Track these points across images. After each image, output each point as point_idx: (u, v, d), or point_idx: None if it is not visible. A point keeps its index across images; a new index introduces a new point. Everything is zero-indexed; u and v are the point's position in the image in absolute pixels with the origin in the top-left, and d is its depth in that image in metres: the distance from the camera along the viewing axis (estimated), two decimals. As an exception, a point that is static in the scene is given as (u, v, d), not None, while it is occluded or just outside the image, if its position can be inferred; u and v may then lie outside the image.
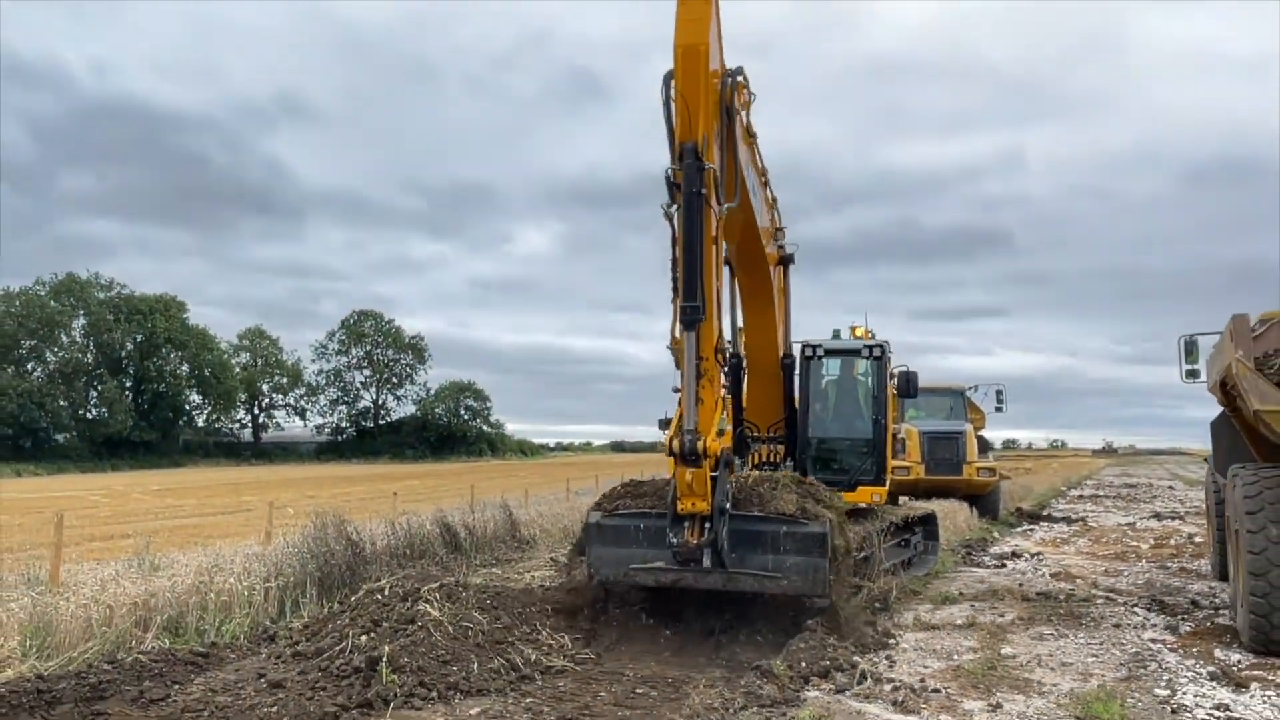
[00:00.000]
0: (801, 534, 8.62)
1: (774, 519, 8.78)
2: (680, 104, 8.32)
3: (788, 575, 8.57)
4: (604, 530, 9.28)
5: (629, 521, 9.18)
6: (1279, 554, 8.13)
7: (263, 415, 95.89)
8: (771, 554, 8.63)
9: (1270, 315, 10.93)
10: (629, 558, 8.96)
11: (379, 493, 30.89)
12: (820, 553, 8.61)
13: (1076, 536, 19.93)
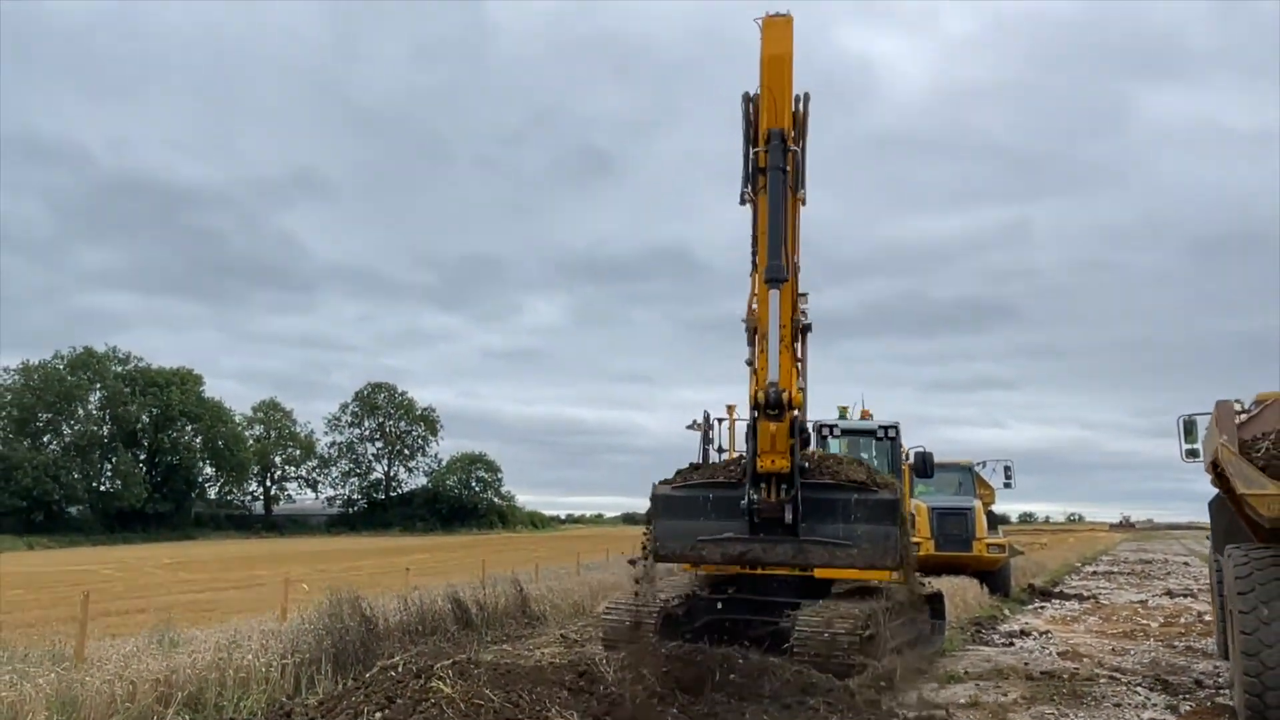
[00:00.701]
0: (873, 501, 8.41)
1: (846, 486, 8.54)
2: (768, 97, 9.38)
3: (859, 544, 8.41)
4: (671, 502, 8.92)
5: (697, 493, 8.88)
6: (1271, 634, 8.29)
7: (275, 487, 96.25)
8: (842, 522, 8.41)
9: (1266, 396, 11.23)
10: (697, 530, 8.71)
11: (390, 566, 30.99)
12: (892, 520, 8.46)
13: (1087, 614, 19.91)
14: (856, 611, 11.41)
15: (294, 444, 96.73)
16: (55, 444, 74.99)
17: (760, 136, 9.44)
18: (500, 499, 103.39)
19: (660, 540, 8.89)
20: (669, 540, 8.86)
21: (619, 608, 12.60)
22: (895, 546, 8.45)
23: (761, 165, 9.26)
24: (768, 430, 8.08)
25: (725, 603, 13.22)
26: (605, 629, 12.50)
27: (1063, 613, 20.32)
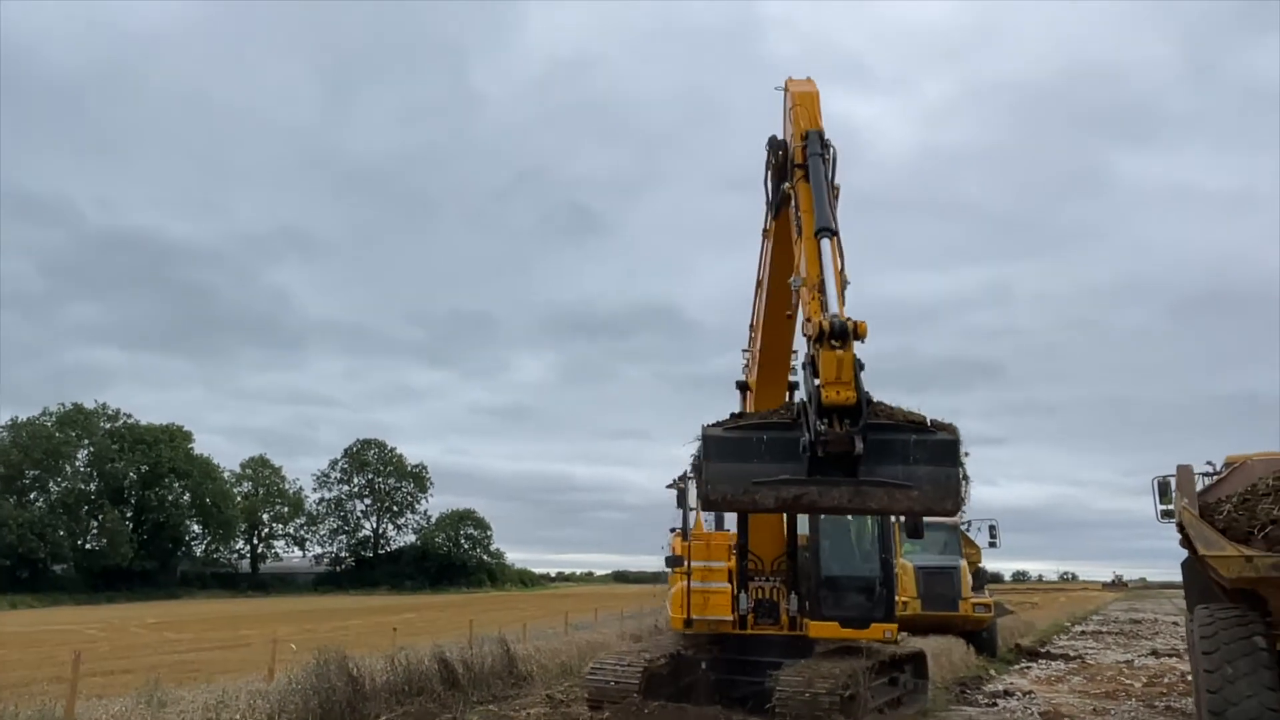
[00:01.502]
0: (933, 442, 8.12)
1: (904, 426, 8.22)
2: (802, 108, 10.17)
3: (920, 486, 8.05)
4: (724, 444, 8.49)
5: (751, 434, 8.49)
6: (1235, 693, 8.52)
7: (262, 545, 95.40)
8: (901, 464, 8.04)
9: (1235, 459, 11.57)
10: (750, 473, 8.29)
11: (378, 626, 30.84)
12: (952, 461, 8.17)
13: (1072, 674, 19.98)
14: (837, 671, 11.61)
15: (282, 501, 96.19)
16: (42, 501, 74.50)
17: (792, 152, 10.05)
18: (489, 557, 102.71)
19: (711, 484, 8.43)
20: (720, 484, 8.38)
21: (604, 668, 12.74)
22: (956, 488, 8.11)
23: (800, 160, 9.58)
24: (833, 359, 7.80)
25: (710, 662, 13.38)
26: (590, 689, 12.63)
27: (1048, 673, 20.38)
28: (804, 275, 8.59)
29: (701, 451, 8.61)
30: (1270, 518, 8.77)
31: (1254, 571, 8.39)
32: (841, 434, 7.69)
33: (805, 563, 13.32)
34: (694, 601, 13.10)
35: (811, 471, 7.94)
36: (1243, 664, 8.66)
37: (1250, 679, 8.57)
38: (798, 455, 8.01)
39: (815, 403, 7.80)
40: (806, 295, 8.51)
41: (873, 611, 13.08)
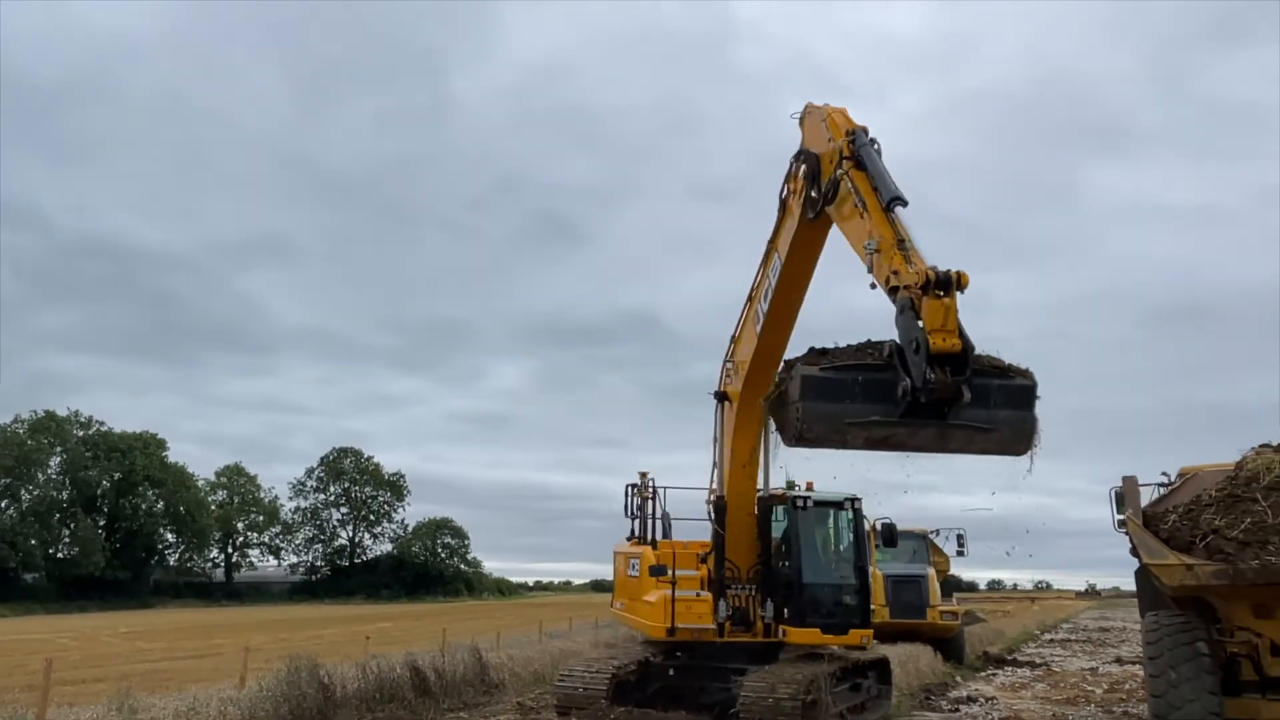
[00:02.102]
0: (1013, 387, 8.36)
1: (987, 371, 8.40)
2: (839, 117, 10.40)
3: (999, 429, 8.29)
4: (821, 384, 8.64)
5: (846, 375, 8.67)
6: (1178, 696, 8.84)
7: (236, 554, 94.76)
8: (983, 408, 8.21)
9: (1188, 470, 11.93)
10: (843, 413, 8.45)
11: (352, 635, 30.85)
12: (1029, 406, 8.46)
13: (1037, 681, 20.36)
14: (800, 677, 11.88)
15: (257, 510, 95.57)
16: (13, 509, 73.72)
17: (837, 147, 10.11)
18: (466, 566, 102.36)
19: (806, 423, 8.60)
20: (815, 423, 8.57)
21: (573, 674, 12.96)
22: (1032, 432, 8.46)
23: (848, 153, 9.75)
24: (939, 307, 7.88)
25: (677, 669, 13.59)
26: (559, 696, 12.84)
27: (1013, 679, 20.75)
28: (878, 238, 8.78)
29: (797, 390, 8.74)
30: (1211, 528, 9.11)
31: (1194, 579, 8.72)
32: (950, 382, 7.83)
33: (784, 570, 13.49)
34: (676, 610, 13.00)
35: (905, 415, 8.14)
36: (1186, 669, 8.99)
37: (1193, 683, 8.91)
38: (889, 398, 8.20)
39: (924, 350, 7.85)
40: (883, 257, 8.66)
41: (852, 618, 13.48)
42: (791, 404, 8.70)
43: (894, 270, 8.34)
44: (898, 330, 8.20)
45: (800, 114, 11.59)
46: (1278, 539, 8.77)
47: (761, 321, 12.20)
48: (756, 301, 12.65)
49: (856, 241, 9.35)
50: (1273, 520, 9.00)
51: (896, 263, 8.43)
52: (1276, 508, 9.12)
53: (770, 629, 13.26)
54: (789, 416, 8.82)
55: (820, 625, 13.16)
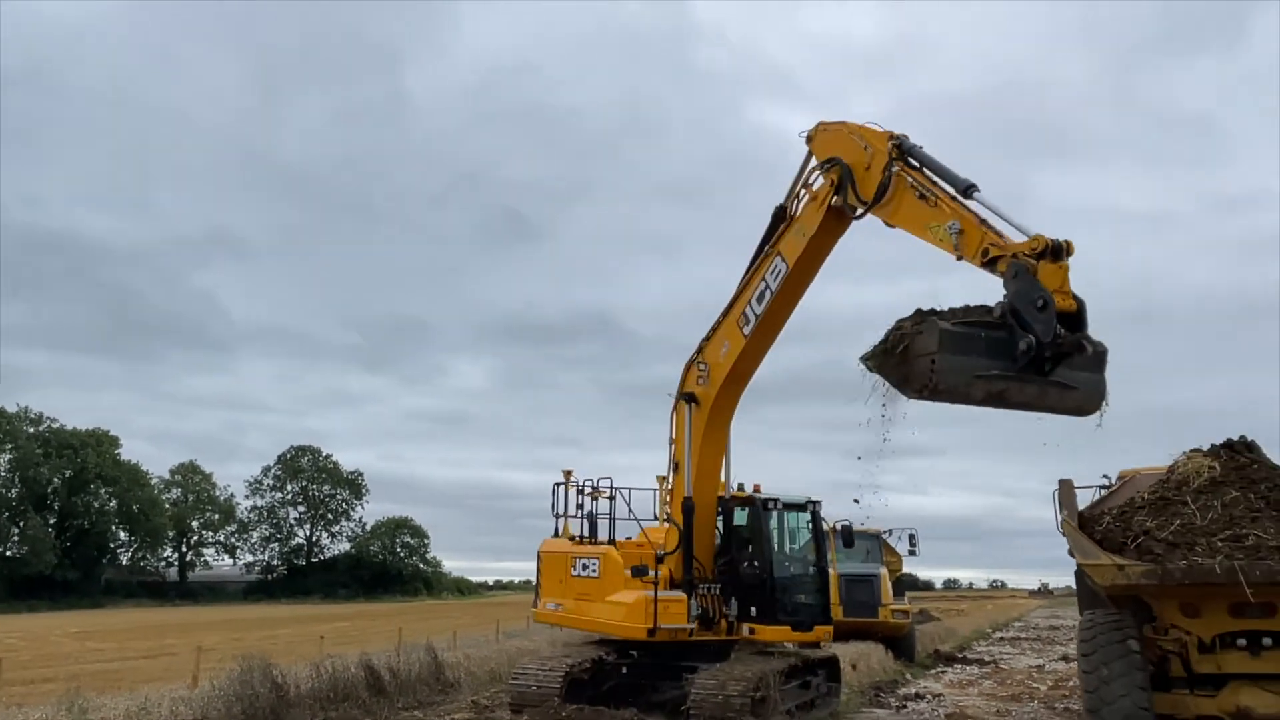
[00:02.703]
0: (1094, 352, 9.06)
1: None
2: (873, 129, 11.31)
3: (1082, 388, 9.13)
4: (955, 338, 9.16)
5: (974, 330, 9.23)
6: (1110, 693, 9.16)
7: (191, 553, 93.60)
8: (1068, 368, 8.96)
9: (1127, 473, 12.31)
10: (971, 366, 9.01)
11: (308, 635, 30.69)
12: (1103, 369, 9.26)
13: (985, 678, 20.78)
14: (750, 674, 12.13)
15: (212, 508, 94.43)
16: (-40, 508, 72.35)
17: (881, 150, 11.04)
18: (426, 565, 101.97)
19: (941, 375, 9.07)
20: (949, 375, 9.07)
21: (526, 673, 13.09)
22: (1104, 393, 9.27)
23: (897, 155, 10.76)
24: (1057, 271, 8.76)
25: (630, 666, 13.79)
26: (513, 693, 12.97)
27: (962, 677, 21.16)
28: (960, 220, 9.71)
29: (934, 342, 9.21)
30: (1143, 529, 9.44)
31: (1125, 579, 9.04)
32: (1074, 338, 8.62)
33: (752, 570, 13.76)
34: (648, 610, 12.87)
35: (1023, 370, 8.86)
36: (1117, 665, 9.32)
37: (1124, 679, 9.23)
38: (1007, 354, 8.86)
39: (1051, 307, 8.59)
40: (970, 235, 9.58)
41: (815, 615, 14.22)
42: (924, 356, 9.19)
43: (991, 243, 9.27)
44: (1010, 292, 8.94)
45: (809, 132, 12.45)
46: (1205, 541, 9.11)
47: (753, 324, 12.79)
48: (744, 304, 13.05)
49: (920, 228, 10.30)
50: (1201, 523, 9.35)
51: (990, 237, 9.37)
52: (1204, 510, 9.48)
53: (733, 627, 13.57)
54: (917, 369, 9.24)
55: (790, 623, 13.76)
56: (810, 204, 12.26)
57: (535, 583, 15.00)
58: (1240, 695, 9.37)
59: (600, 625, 13.74)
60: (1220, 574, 8.67)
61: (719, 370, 13.42)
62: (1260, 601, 8.98)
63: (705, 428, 13.50)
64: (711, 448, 13.68)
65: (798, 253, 12.31)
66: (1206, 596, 9.17)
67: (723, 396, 13.53)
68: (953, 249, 9.70)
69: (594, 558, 13.94)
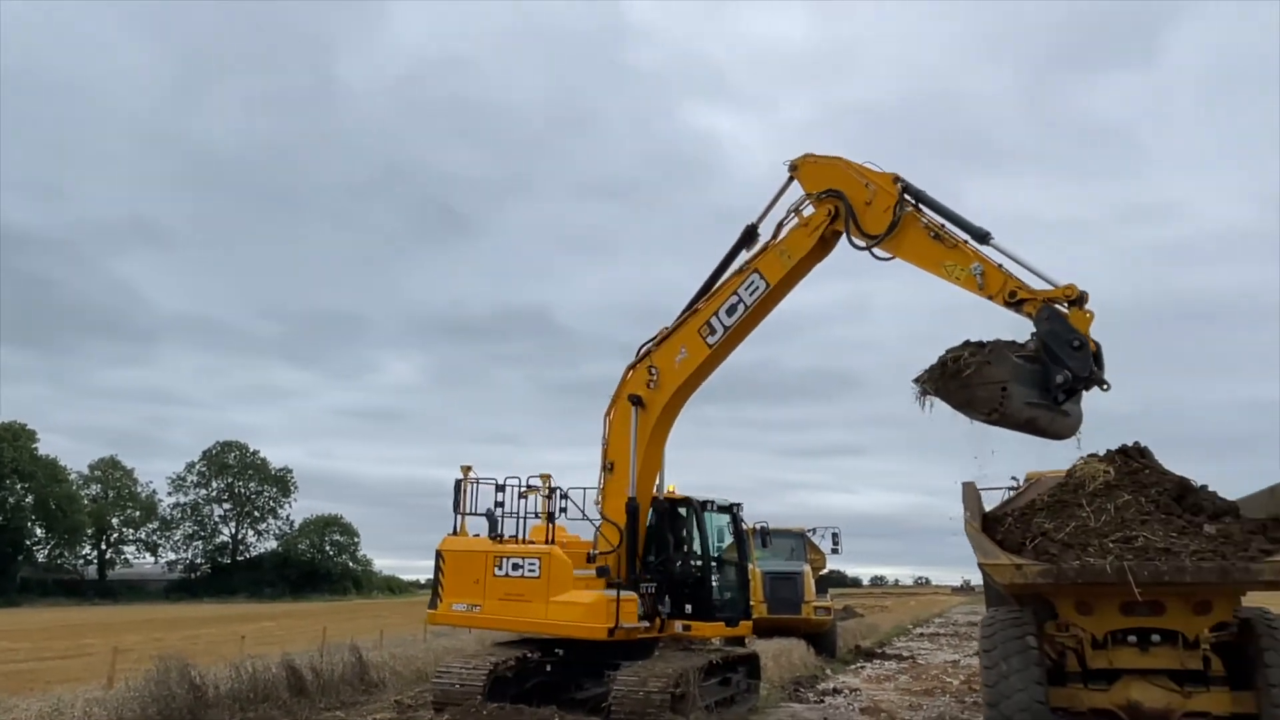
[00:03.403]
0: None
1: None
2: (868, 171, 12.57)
3: (1071, 417, 10.46)
4: (1020, 370, 10.34)
5: (1028, 364, 10.41)
6: (1009, 687, 9.60)
7: (110, 551, 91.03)
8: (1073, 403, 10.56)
9: (1034, 475, 12.84)
10: (1026, 395, 10.25)
11: (232, 635, 30.17)
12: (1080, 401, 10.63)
13: (902, 673, 21.36)
14: (670, 671, 12.40)
15: (134, 505, 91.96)
16: None
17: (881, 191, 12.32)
18: (356, 564, 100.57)
19: (1010, 401, 10.22)
20: (1015, 400, 10.23)
21: (450, 671, 13.17)
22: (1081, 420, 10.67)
23: (897, 198, 12.09)
24: (1085, 318, 10.33)
25: (555, 665, 13.96)
26: (435, 692, 13.04)
27: (880, 672, 21.73)
28: (982, 265, 11.26)
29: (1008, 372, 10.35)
30: (1041, 530, 9.91)
31: (1023, 579, 9.46)
32: (1100, 375, 10.28)
33: (688, 569, 14.29)
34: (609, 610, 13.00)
35: (1053, 401, 10.27)
36: (1015, 661, 9.76)
37: (1021, 674, 9.67)
38: (1040, 385, 10.31)
39: (1087, 349, 10.21)
40: (993, 277, 11.14)
41: (741, 611, 15.07)
42: (994, 383, 10.32)
43: (1017, 286, 10.85)
44: (1043, 331, 10.42)
45: (795, 161, 13.35)
46: (1098, 542, 9.58)
47: (721, 334, 13.53)
48: (710, 315, 13.64)
49: (933, 265, 11.74)
50: (1095, 524, 9.83)
51: (1014, 283, 10.93)
52: (1099, 513, 9.97)
53: (663, 625, 13.92)
54: (983, 394, 10.35)
55: (723, 619, 14.43)
56: (800, 229, 13.14)
57: (434, 583, 14.46)
58: (1130, 690, 9.88)
59: (542, 626, 13.50)
60: (1110, 574, 9.13)
61: (672, 376, 13.87)
62: (1148, 600, 9.49)
63: (654, 430, 13.96)
64: (654, 450, 14.09)
65: (781, 273, 13.20)
66: (1099, 595, 9.65)
67: (673, 401, 13.94)
68: (976, 288, 11.23)
69: (533, 557, 13.66)
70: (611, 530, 13.77)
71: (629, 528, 13.74)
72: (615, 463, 14.07)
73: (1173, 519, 9.81)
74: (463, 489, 14.42)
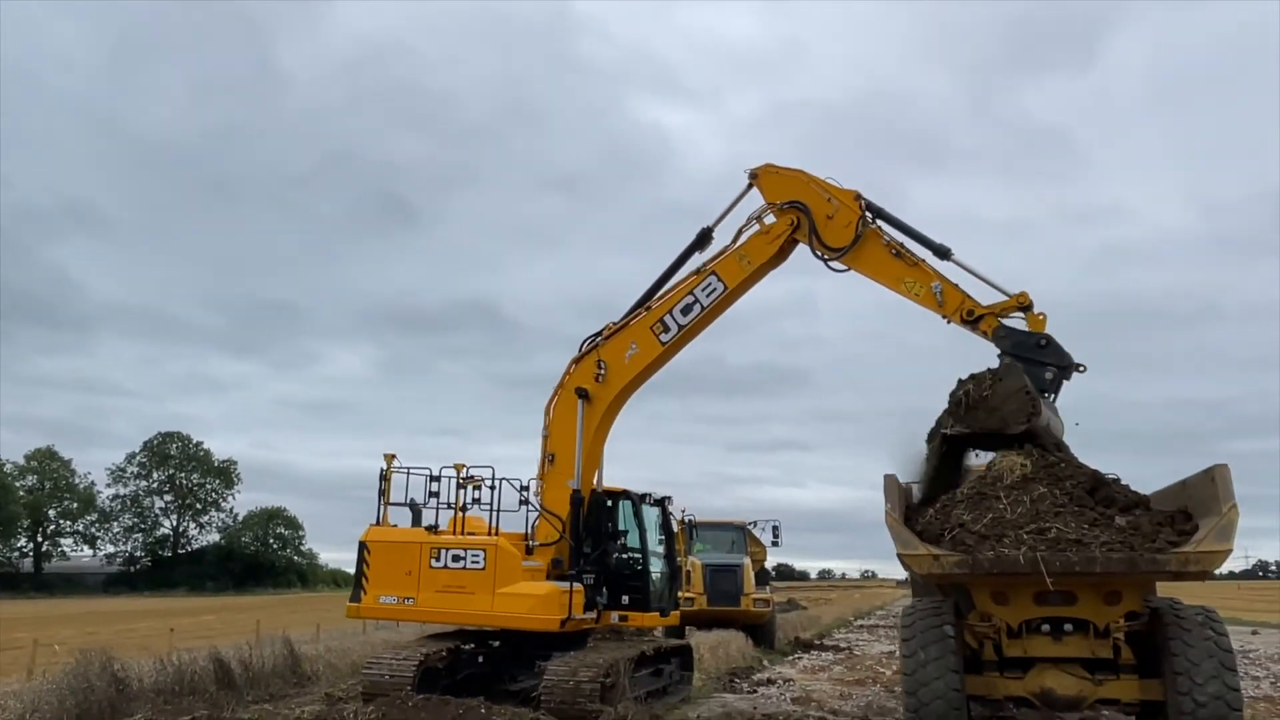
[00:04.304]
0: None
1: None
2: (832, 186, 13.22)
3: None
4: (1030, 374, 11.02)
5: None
6: (926, 675, 9.81)
7: (47, 543, 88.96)
8: None
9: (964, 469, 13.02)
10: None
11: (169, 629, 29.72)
12: None
13: (837, 664, 21.66)
14: (601, 661, 12.47)
15: (71, 496, 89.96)
16: None
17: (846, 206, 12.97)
18: (300, 557, 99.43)
19: (1035, 399, 10.71)
20: (1045, 411, 10.88)
21: (380, 662, 13.12)
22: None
23: (859, 214, 12.80)
24: (1038, 319, 11.52)
25: (487, 655, 13.97)
26: (365, 683, 12.98)
27: (816, 663, 22.02)
28: (940, 283, 12.07)
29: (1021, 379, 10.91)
30: (959, 521, 10.12)
31: (940, 569, 9.67)
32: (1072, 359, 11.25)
33: (626, 560, 14.57)
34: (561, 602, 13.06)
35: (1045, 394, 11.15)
36: (933, 650, 9.98)
37: (938, 662, 9.89)
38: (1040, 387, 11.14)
39: (1054, 342, 11.22)
40: (952, 294, 12.03)
41: (672, 601, 15.34)
42: (1016, 392, 10.88)
43: (973, 306, 11.77)
44: (1008, 345, 11.38)
45: (755, 170, 13.83)
46: (1013, 533, 9.81)
47: (674, 333, 13.92)
48: (664, 313, 14.00)
49: (893, 280, 12.49)
50: (1011, 516, 10.05)
51: (970, 302, 11.80)
52: (1015, 505, 10.19)
53: (600, 615, 13.98)
54: (1013, 406, 10.83)
55: (658, 610, 14.66)
56: (761, 236, 13.66)
57: (357, 575, 14.21)
58: (1044, 677, 10.15)
59: (488, 619, 13.45)
60: (1024, 564, 9.36)
61: (622, 371, 14.12)
62: (1060, 590, 9.76)
63: (600, 423, 14.19)
64: (597, 443, 14.32)
65: (740, 278, 13.70)
66: (1013, 585, 9.89)
67: (620, 396, 14.19)
68: (936, 306, 12.02)
69: (477, 549, 13.54)
70: (555, 522, 13.84)
71: (573, 519, 13.81)
72: (557, 454, 14.17)
73: (1085, 511, 10.06)
74: (389, 478, 14.26)
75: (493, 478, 14.08)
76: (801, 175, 13.45)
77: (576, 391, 14.16)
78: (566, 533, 13.81)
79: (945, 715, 9.65)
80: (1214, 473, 9.50)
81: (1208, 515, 9.43)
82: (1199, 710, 9.24)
